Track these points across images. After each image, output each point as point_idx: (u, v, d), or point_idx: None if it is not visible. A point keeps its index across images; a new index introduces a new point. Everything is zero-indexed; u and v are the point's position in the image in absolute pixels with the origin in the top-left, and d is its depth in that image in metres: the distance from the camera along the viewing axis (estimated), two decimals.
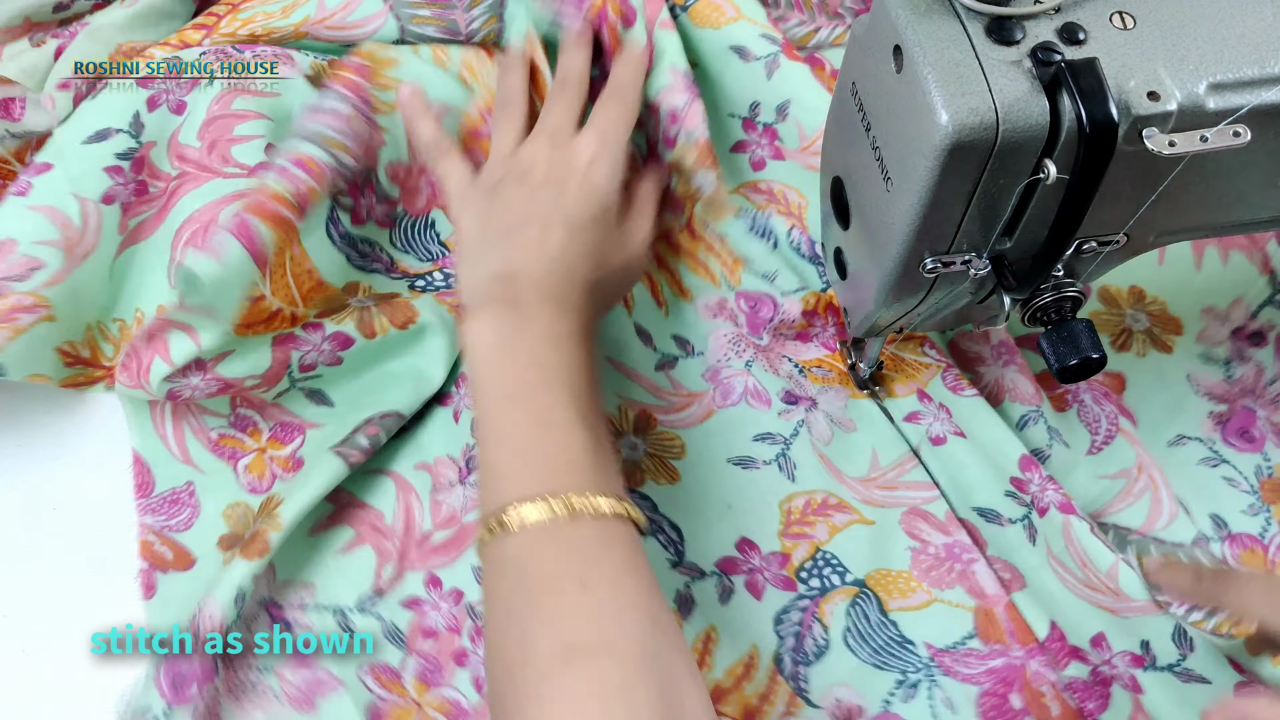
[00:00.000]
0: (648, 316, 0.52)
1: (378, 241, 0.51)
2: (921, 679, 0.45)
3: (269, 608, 0.45)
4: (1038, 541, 0.46)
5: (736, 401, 0.50)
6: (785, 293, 0.51)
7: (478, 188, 0.46)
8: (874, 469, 0.49)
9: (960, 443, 0.48)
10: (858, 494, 0.48)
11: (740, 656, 0.45)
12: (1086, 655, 0.45)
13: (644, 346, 0.51)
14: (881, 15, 0.32)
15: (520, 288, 0.42)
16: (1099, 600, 0.45)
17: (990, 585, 0.46)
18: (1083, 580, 0.46)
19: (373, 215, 0.50)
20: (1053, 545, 0.46)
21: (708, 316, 0.52)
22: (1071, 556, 0.46)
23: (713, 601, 0.46)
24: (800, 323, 0.51)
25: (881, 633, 0.46)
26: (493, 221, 0.45)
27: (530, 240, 0.43)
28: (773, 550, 0.47)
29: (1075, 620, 0.45)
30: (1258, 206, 0.37)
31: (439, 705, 0.44)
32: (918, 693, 0.45)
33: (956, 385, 0.49)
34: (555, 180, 0.45)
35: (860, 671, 0.45)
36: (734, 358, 0.51)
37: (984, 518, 0.47)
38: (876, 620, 0.46)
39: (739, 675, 0.45)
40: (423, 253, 0.52)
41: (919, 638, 0.46)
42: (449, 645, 0.45)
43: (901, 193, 0.33)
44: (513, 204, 0.44)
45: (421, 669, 0.44)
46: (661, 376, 0.51)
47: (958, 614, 0.46)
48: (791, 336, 0.51)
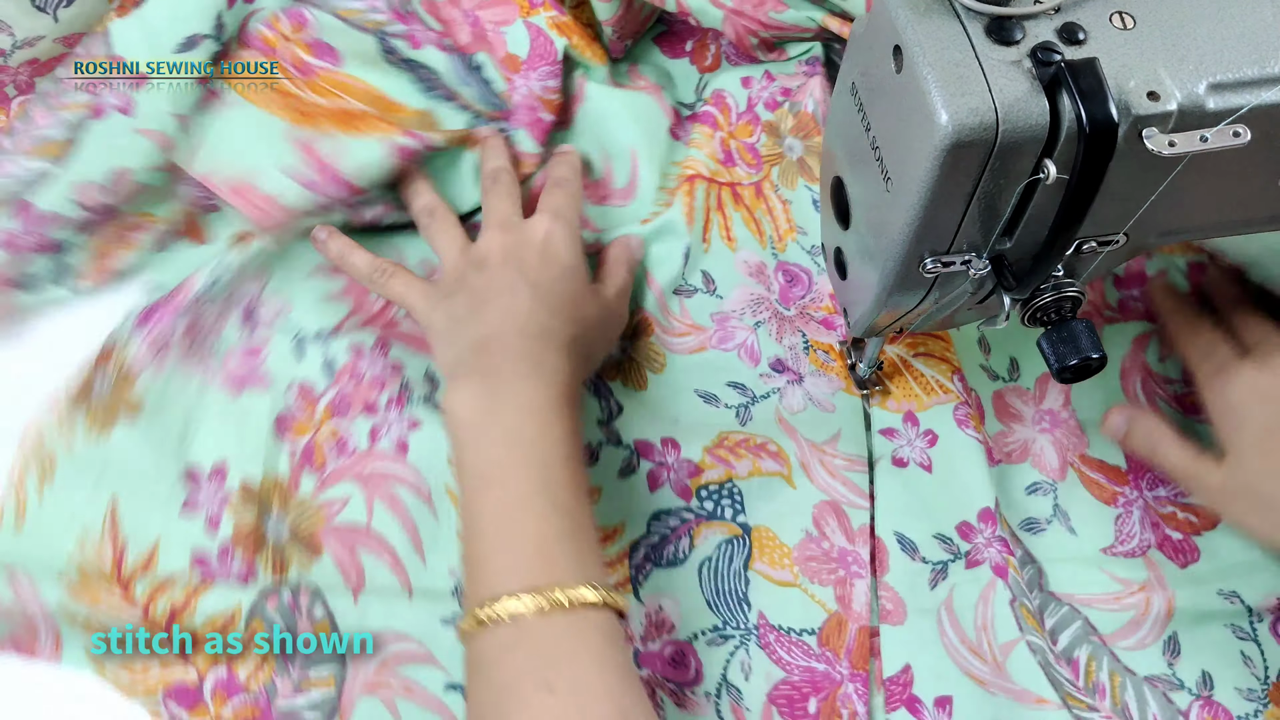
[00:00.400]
0: (691, 244, 0.53)
1: (436, 69, 0.53)
2: (737, 637, 0.45)
3: (249, 302, 0.50)
4: (938, 587, 0.46)
5: (730, 349, 0.51)
6: (823, 271, 0.53)
7: (440, 290, 0.47)
8: (829, 444, 0.49)
9: (921, 475, 0.48)
10: (800, 453, 0.49)
11: (605, 525, 0.47)
12: (922, 710, 0.44)
13: (681, 265, 0.52)
14: (881, 15, 0.32)
15: (494, 355, 0.42)
16: (972, 667, 0.44)
17: (859, 605, 0.46)
18: (968, 642, 0.45)
19: (427, 40, 0.54)
20: (957, 597, 0.46)
21: (744, 273, 0.53)
22: (974, 615, 0.45)
23: (614, 469, 0.48)
24: (828, 306, 0.52)
25: (732, 580, 0.46)
26: (460, 308, 0.45)
27: (499, 308, 0.44)
28: (690, 459, 0.48)
29: (932, 674, 0.44)
30: (1258, 206, 0.37)
31: (331, 433, 0.48)
32: (724, 646, 0.45)
33: (964, 421, 0.48)
34: (513, 258, 0.46)
35: (692, 598, 0.46)
36: (748, 315, 0.52)
37: (900, 544, 0.47)
38: (737, 568, 0.46)
39: (603, 535, 0.46)
40: (481, 94, 0.54)
41: (760, 605, 0.46)
42: (366, 394, 0.48)
43: (901, 193, 0.33)
44: (476, 288, 0.45)
45: (334, 400, 0.49)
46: (675, 301, 0.52)
47: (811, 608, 0.46)
48: (818, 319, 0.52)
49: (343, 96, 0.51)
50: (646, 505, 0.47)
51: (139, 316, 0.48)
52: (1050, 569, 0.47)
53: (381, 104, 0.51)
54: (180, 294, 0.48)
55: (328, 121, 0.50)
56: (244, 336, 0.49)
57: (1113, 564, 0.47)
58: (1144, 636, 0.46)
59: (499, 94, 0.54)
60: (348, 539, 0.46)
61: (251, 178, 0.49)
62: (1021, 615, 0.45)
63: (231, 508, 0.46)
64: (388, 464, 0.47)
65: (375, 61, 0.52)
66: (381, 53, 0.52)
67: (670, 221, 0.52)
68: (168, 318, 0.48)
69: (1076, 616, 0.46)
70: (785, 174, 0.55)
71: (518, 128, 0.52)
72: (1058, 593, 0.47)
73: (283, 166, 0.48)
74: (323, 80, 0.51)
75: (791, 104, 0.56)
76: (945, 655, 0.45)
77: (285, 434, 0.48)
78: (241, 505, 0.46)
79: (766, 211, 0.54)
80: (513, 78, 0.53)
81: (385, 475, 0.47)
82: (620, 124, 0.54)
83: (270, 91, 0.51)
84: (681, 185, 0.53)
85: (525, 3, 0.53)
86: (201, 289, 0.48)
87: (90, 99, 0.49)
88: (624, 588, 0.46)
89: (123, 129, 0.49)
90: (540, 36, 0.53)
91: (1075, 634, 0.46)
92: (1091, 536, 0.48)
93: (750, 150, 0.55)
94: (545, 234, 0.47)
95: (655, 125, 0.55)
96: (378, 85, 0.52)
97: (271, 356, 0.49)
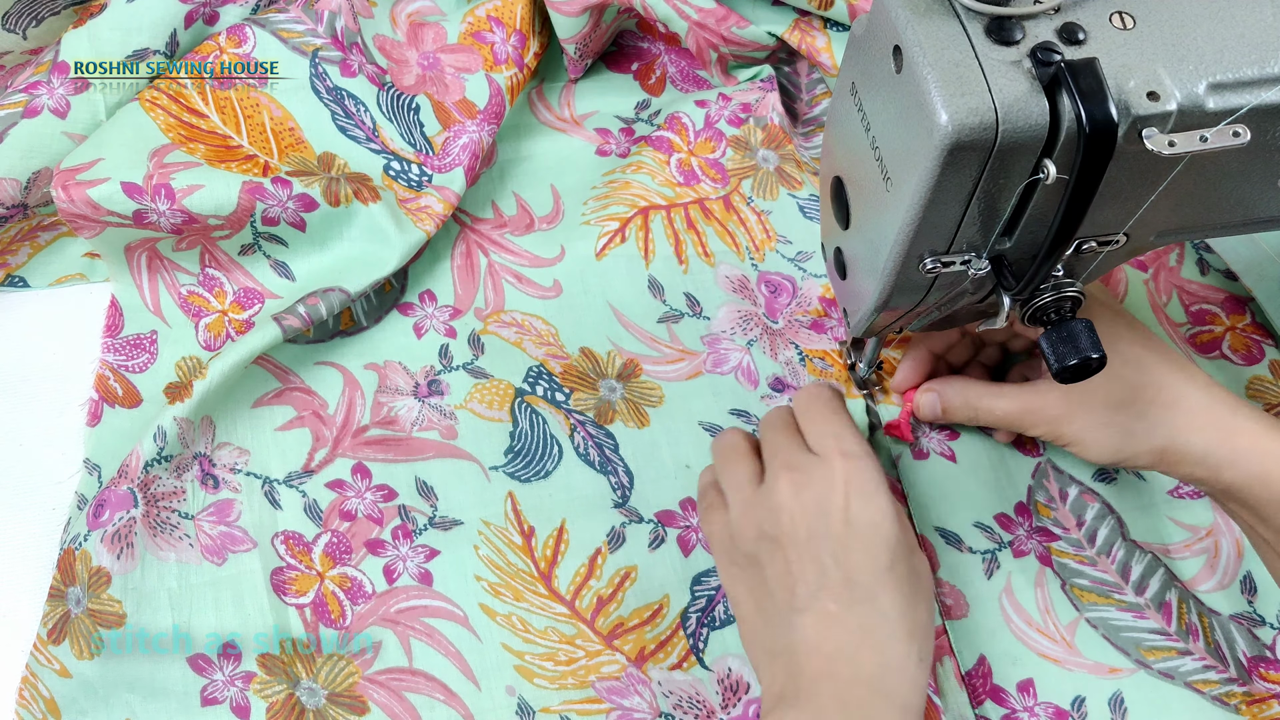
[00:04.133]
0: (665, 270, 0.53)
1: (364, 101, 0.54)
2: None
3: (202, 461, 0.47)
4: (995, 576, 0.47)
5: (726, 373, 0.51)
6: (809, 276, 0.53)
7: (738, 550, 0.42)
8: None
9: (945, 464, 0.49)
10: None
11: (651, 601, 0.46)
12: (1007, 699, 0.44)
13: (653, 299, 0.52)
14: (881, 15, 0.32)
15: (801, 681, 0.38)
16: (1044, 648, 0.45)
17: None
18: (1035, 624, 0.46)
19: (364, 70, 0.54)
20: (1015, 582, 0.46)
21: (726, 289, 0.53)
22: (1034, 598, 0.46)
23: (642, 545, 0.47)
24: (816, 309, 0.52)
25: None
26: (771, 599, 0.40)
27: (821, 616, 0.38)
28: None
29: (1008, 661, 0.45)
30: (1258, 206, 0.37)
31: (339, 580, 0.46)
32: None
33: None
34: (819, 533, 0.40)
35: None
36: (739, 334, 0.52)
37: (944, 539, 0.47)
38: None
39: (644, 618, 0.45)
40: (405, 132, 0.54)
41: None
42: (365, 532, 0.47)
43: (901, 193, 0.33)
44: (787, 572, 0.40)
45: (331, 546, 0.46)
46: (662, 329, 0.52)
47: None
48: (806, 324, 0.52)
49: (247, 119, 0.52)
50: (685, 571, 0.46)
51: (90, 511, 0.44)
52: (1129, 518, 0.48)
53: (287, 136, 0.52)
54: (125, 477, 0.45)
55: (204, 148, 0.51)
56: (207, 500, 0.46)
57: (1178, 510, 0.48)
58: (1221, 578, 0.47)
59: (429, 136, 0.55)
60: (392, 685, 0.44)
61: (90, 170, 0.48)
62: (1075, 595, 0.46)
63: (256, 687, 0.43)
64: (414, 599, 0.45)
65: (300, 87, 0.53)
66: (310, 78, 0.53)
67: (627, 255, 0.53)
68: (119, 508, 0.44)
69: (1159, 564, 0.47)
70: (761, 185, 0.55)
71: (453, 169, 0.53)
72: (1140, 541, 0.47)
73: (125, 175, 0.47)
74: (238, 96, 0.52)
75: (756, 119, 0.56)
76: (1016, 640, 0.46)
77: (286, 592, 0.45)
78: (267, 681, 0.43)
79: (739, 223, 0.54)
80: (465, 122, 0.54)
81: (415, 610, 0.45)
82: (534, 165, 0.56)
83: (171, 104, 0.51)
84: (635, 218, 0.54)
85: (490, 57, 0.55)
86: (148, 460, 0.45)
87: (27, 98, 0.50)
88: (689, 661, 0.45)
89: (54, 130, 0.50)
90: (498, 95, 0.54)
91: (1163, 580, 0.47)
92: (1158, 479, 0.49)
93: (714, 165, 0.56)
94: (845, 496, 0.39)
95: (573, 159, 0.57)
96: (294, 113, 0.53)
97: (246, 513, 0.46)
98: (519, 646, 0.45)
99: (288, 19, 0.55)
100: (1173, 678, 0.45)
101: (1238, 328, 0.52)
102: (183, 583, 0.45)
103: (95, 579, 0.43)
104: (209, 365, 0.46)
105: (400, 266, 0.50)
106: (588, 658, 0.44)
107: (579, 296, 0.52)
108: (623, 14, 0.58)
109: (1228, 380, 0.51)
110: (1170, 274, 0.54)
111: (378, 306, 0.52)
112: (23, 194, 0.50)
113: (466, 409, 0.49)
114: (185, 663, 0.44)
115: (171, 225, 0.48)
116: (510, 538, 0.47)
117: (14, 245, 0.51)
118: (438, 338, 0.51)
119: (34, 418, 0.49)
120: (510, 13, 0.56)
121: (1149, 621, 0.46)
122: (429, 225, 0.51)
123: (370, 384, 0.50)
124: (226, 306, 0.51)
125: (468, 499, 0.47)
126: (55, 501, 0.47)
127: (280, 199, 0.49)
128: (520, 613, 0.45)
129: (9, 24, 0.52)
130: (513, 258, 0.53)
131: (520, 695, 0.44)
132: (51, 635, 0.43)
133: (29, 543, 0.46)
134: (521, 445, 0.48)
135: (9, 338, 0.51)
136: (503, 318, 0.52)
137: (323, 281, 0.50)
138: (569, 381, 0.50)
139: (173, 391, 0.49)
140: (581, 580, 0.46)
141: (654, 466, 0.48)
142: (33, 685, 0.42)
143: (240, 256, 0.51)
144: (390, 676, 0.44)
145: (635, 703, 0.44)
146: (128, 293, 0.51)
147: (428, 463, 0.48)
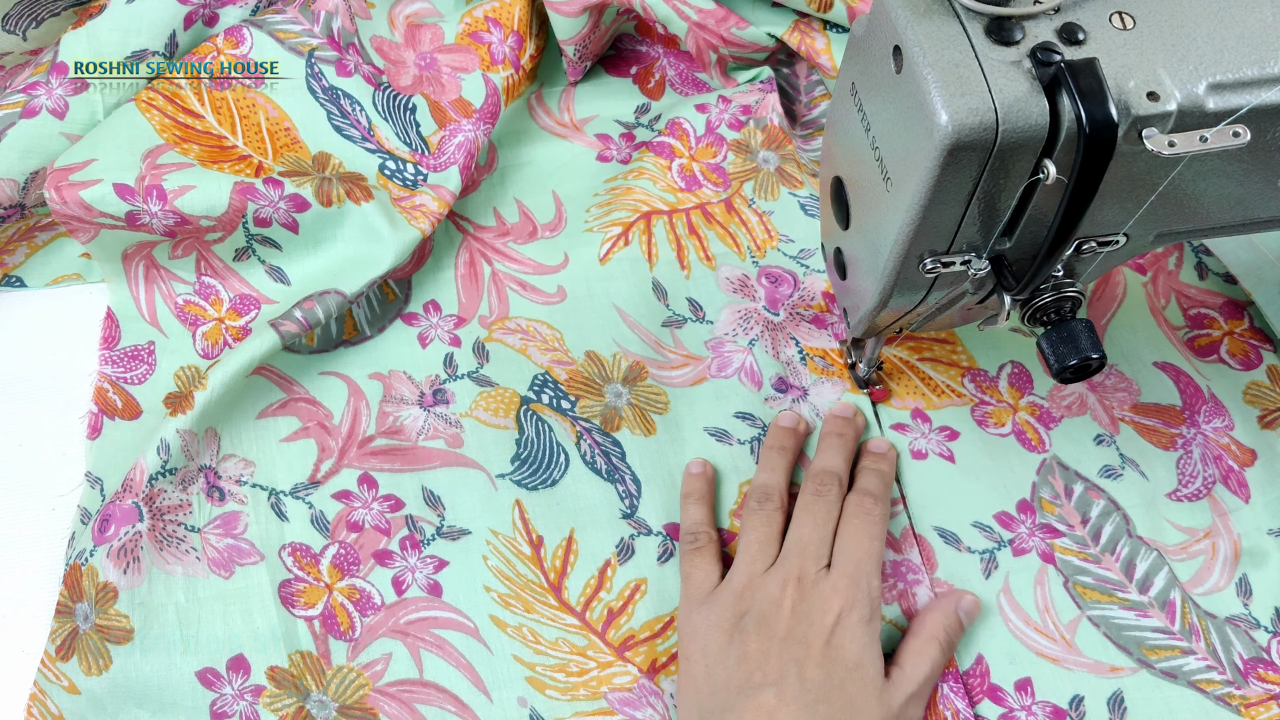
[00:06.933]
0: (668, 275, 0.53)
1: (360, 101, 0.54)
2: None
3: (207, 474, 0.47)
4: (993, 575, 0.47)
5: (730, 375, 0.51)
6: (811, 272, 0.53)
7: (715, 616, 0.42)
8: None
9: (944, 464, 0.48)
10: None
11: (661, 614, 0.46)
12: (1004, 698, 0.44)
13: (657, 301, 0.52)
14: (881, 15, 0.32)
15: None
16: (1043, 647, 0.45)
17: None
18: (1033, 624, 0.46)
19: (360, 70, 0.54)
20: (1013, 581, 0.46)
21: (727, 290, 0.53)
22: (1033, 598, 0.46)
23: (652, 558, 0.47)
24: (819, 304, 0.52)
25: None
26: (724, 671, 0.41)
27: (761, 708, 0.39)
28: (720, 527, 0.48)
29: (1005, 660, 0.45)
30: (1258, 206, 0.37)
31: (348, 592, 0.46)
32: None
33: (984, 421, 0.49)
34: (798, 638, 0.41)
35: None
36: (740, 334, 0.52)
37: (942, 538, 0.47)
38: None
39: (655, 631, 0.45)
40: (401, 131, 0.54)
41: None
42: (373, 543, 0.46)
43: (901, 193, 0.33)
44: (749, 655, 0.41)
45: (339, 557, 0.46)
46: (666, 333, 0.52)
47: (885, 631, 0.45)
48: (808, 319, 0.52)
49: (243, 119, 0.52)
50: None
51: (95, 526, 0.44)
52: (1134, 515, 0.48)
53: (282, 136, 0.52)
54: (129, 491, 0.45)
55: (199, 149, 0.51)
56: (214, 512, 0.46)
57: (1176, 512, 0.48)
58: (1217, 580, 0.47)
59: (425, 136, 0.55)
60: (403, 697, 0.44)
61: (82, 171, 0.48)
62: (1077, 593, 0.46)
63: (266, 700, 0.43)
64: (424, 610, 0.45)
65: (296, 87, 0.53)
66: (306, 78, 0.53)
67: (631, 258, 0.53)
68: (125, 522, 0.44)
69: (1164, 563, 0.47)
70: (763, 186, 0.55)
71: (449, 167, 0.53)
72: (1145, 538, 0.47)
73: (117, 176, 0.48)
74: (235, 96, 0.52)
75: (755, 120, 0.57)
76: (1014, 639, 0.45)
77: (295, 604, 0.45)
78: (277, 694, 0.44)
79: (741, 224, 0.54)
80: (460, 121, 0.54)
81: (425, 621, 0.45)
82: (535, 171, 0.56)
83: (166, 104, 0.51)
84: (637, 223, 0.54)
85: (487, 57, 0.55)
86: (152, 474, 0.45)
87: (25, 98, 0.50)
88: None
89: (51, 130, 0.49)
90: (494, 95, 0.55)
91: (1167, 579, 0.47)
92: (1160, 479, 0.49)
93: (715, 170, 0.56)
94: (838, 617, 0.41)
95: (574, 164, 0.57)
96: (290, 112, 0.53)
97: (252, 525, 0.46)
98: (530, 658, 0.44)
99: (284, 20, 0.55)
100: (1175, 677, 0.45)
101: (1236, 332, 0.52)
102: (190, 596, 0.45)
103: (102, 594, 0.43)
104: (208, 375, 0.46)
105: (395, 265, 0.50)
106: (599, 669, 0.44)
107: (583, 300, 0.52)
108: (622, 15, 0.58)
109: (1226, 385, 0.51)
110: (1169, 277, 0.54)
111: (381, 315, 0.52)
112: (20, 194, 0.50)
113: (472, 417, 0.49)
114: (194, 676, 0.43)
115: (165, 227, 0.48)
116: (519, 547, 0.46)
117: (11, 245, 0.52)
118: (442, 347, 0.51)
119: (32, 417, 0.49)
120: (508, 14, 0.56)
121: (1152, 620, 0.46)
122: (424, 224, 0.51)
123: (375, 394, 0.49)
124: (223, 314, 0.51)
125: (475, 508, 0.47)
126: (54, 501, 0.47)
127: (272, 199, 0.49)
128: (531, 624, 0.45)
129: (9, 25, 0.52)
130: (516, 265, 0.53)
131: (532, 706, 0.44)
132: (60, 652, 0.43)
133: (29, 542, 0.46)
134: (528, 453, 0.48)
135: (6, 337, 0.51)
136: (507, 324, 0.52)
137: (318, 284, 0.50)
138: (574, 389, 0.50)
139: (173, 402, 0.49)
140: (592, 592, 0.46)
141: (661, 476, 0.48)
142: (41, 702, 0.42)
143: (235, 262, 0.51)
144: (401, 688, 0.44)
145: (648, 714, 0.44)
146: (124, 303, 0.51)
147: (434, 472, 0.48)
